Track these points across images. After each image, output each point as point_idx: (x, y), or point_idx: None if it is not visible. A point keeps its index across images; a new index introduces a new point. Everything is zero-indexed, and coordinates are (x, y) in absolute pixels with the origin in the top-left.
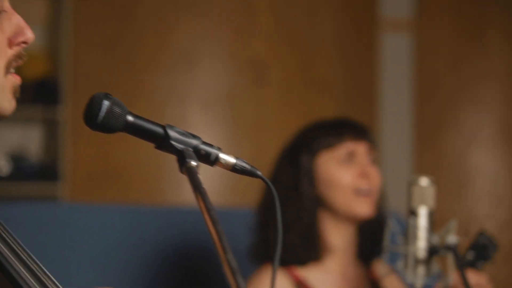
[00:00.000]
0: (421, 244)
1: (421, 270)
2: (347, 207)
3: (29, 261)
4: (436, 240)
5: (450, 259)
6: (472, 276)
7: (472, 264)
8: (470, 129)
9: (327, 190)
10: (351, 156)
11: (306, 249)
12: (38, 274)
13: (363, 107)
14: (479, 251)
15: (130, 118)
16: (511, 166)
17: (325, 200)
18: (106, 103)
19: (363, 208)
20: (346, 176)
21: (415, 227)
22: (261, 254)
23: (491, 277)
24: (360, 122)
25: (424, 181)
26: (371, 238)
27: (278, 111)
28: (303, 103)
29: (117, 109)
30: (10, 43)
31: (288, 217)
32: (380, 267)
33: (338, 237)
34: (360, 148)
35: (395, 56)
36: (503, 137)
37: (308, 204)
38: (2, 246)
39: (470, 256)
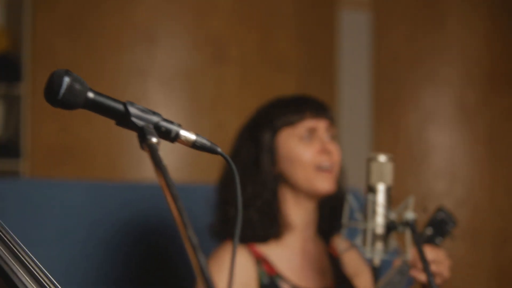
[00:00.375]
0: (379, 220)
1: (379, 246)
2: (308, 183)
3: (26, 258)
4: (394, 216)
5: (408, 235)
6: (430, 252)
7: (431, 240)
8: (427, 105)
9: (288, 167)
10: (311, 133)
11: (266, 226)
12: (35, 272)
13: (322, 84)
14: (438, 227)
15: (90, 94)
16: (468, 143)
17: (286, 176)
18: (66, 79)
19: (324, 184)
20: (307, 153)
21: (373, 203)
22: (222, 231)
23: (449, 253)
24: (320, 99)
25: (382, 158)
26: (331, 214)
27: (238, 88)
28: (262, 80)
29: (77, 86)
30: None
31: (248, 194)
32: (340, 243)
33: (298, 213)
34: (320, 125)
35: (354, 33)
36: (460, 114)
37: (269, 181)
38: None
39: (428, 232)
